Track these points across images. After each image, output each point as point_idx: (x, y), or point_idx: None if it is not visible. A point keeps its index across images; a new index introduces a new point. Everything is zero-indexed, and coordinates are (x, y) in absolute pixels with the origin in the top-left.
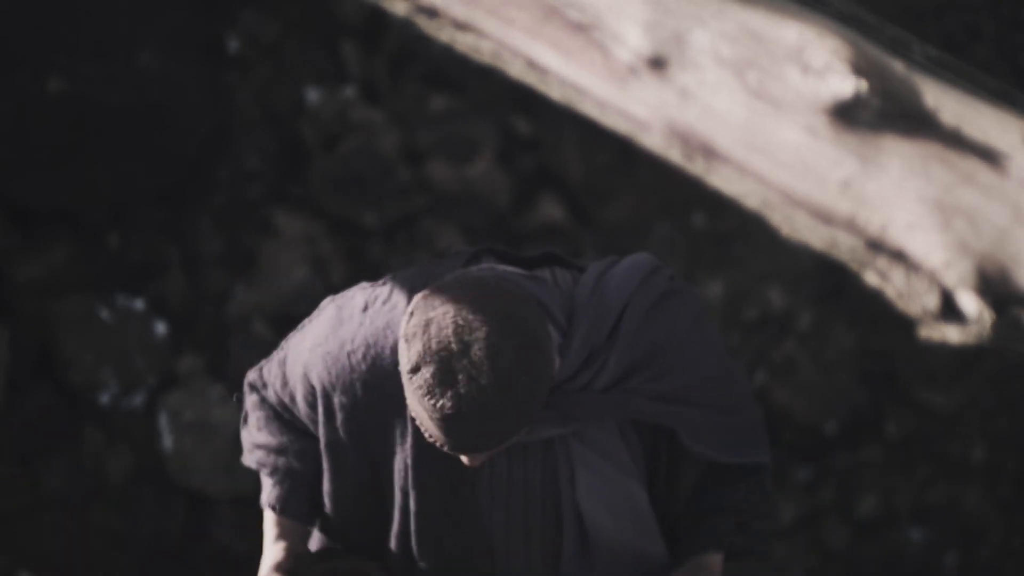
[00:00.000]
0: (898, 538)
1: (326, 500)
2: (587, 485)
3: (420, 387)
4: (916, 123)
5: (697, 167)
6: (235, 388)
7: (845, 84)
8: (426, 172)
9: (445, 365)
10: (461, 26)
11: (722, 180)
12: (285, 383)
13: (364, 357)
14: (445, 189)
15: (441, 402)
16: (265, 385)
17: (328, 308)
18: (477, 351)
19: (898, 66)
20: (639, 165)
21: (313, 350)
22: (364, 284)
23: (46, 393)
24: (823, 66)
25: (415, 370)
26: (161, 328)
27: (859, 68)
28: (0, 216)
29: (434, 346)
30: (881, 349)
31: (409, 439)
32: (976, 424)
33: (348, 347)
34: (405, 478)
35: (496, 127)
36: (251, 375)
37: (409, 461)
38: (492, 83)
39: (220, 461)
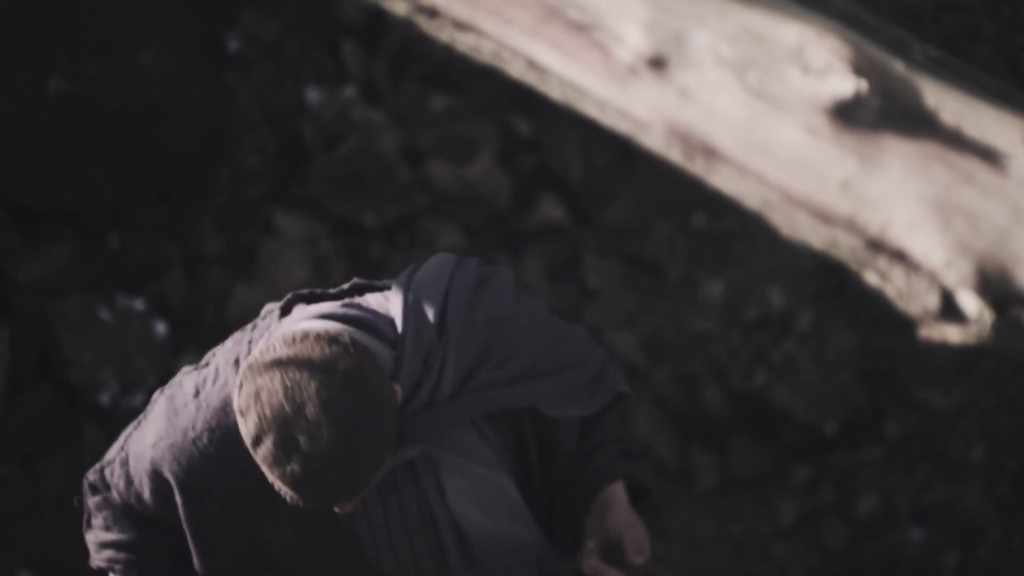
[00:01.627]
0: (898, 538)
1: None
2: (454, 487)
3: (266, 458)
4: (916, 123)
5: (697, 167)
6: None
7: (845, 84)
8: (426, 172)
9: (284, 431)
10: (461, 26)
11: (722, 180)
12: (130, 482)
13: (210, 441)
14: (445, 189)
15: (290, 467)
16: (108, 487)
17: (159, 401)
18: (311, 409)
19: (898, 66)
20: (639, 165)
21: (156, 445)
22: (187, 368)
23: (46, 393)
24: (823, 66)
25: (257, 442)
26: (161, 328)
27: (859, 68)
28: (0, 216)
29: (269, 414)
30: (881, 349)
31: (278, 505)
32: (976, 424)
33: (191, 434)
34: (285, 541)
35: (496, 127)
36: (91, 476)
37: (286, 524)
38: (492, 83)
39: None
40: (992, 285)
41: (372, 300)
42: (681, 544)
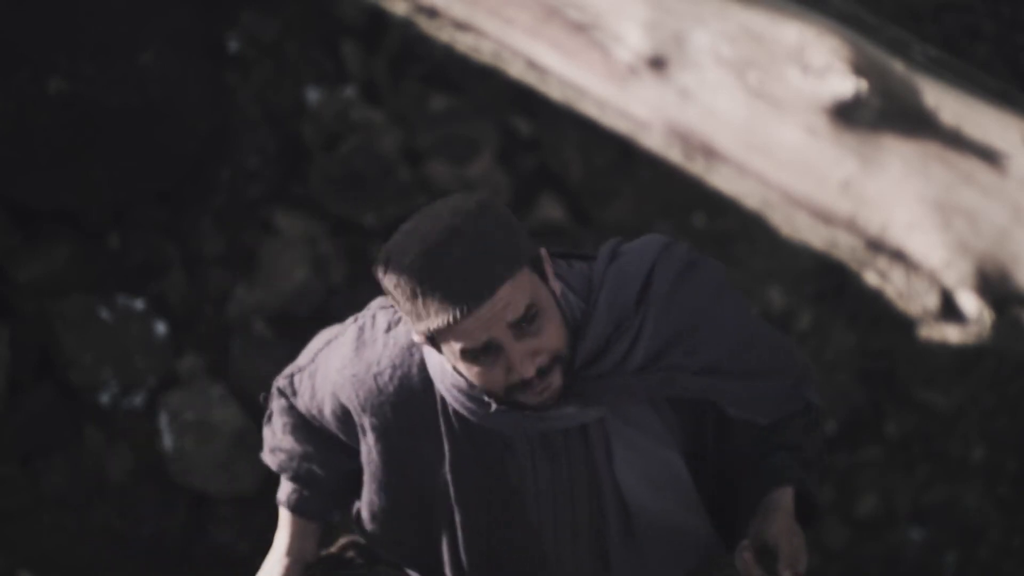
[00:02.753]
0: (898, 538)
1: (365, 513)
2: (624, 458)
3: (408, 255)
4: (916, 123)
5: (697, 167)
6: (237, 388)
7: (845, 84)
8: (426, 172)
9: (426, 229)
10: (461, 26)
11: (722, 180)
12: (314, 396)
13: (391, 379)
14: (445, 189)
15: (426, 246)
16: (295, 393)
17: (351, 329)
18: (447, 218)
19: (898, 66)
20: (639, 165)
21: (341, 371)
22: (383, 302)
23: (46, 393)
24: (823, 66)
25: (402, 251)
26: (161, 328)
27: (859, 68)
28: (1, 216)
29: (411, 225)
30: (881, 349)
31: (447, 455)
32: (976, 424)
33: (375, 369)
34: (447, 493)
35: (496, 127)
36: (281, 381)
37: (449, 477)
38: (492, 83)
39: (220, 461)
40: (992, 285)
41: (575, 264)
42: None
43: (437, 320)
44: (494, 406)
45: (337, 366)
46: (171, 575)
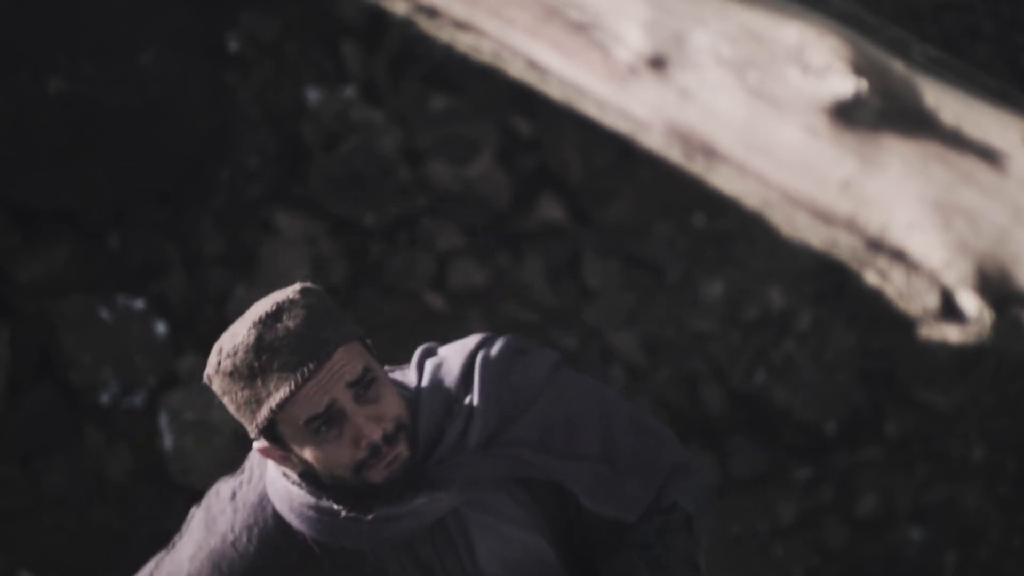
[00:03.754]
0: (898, 538)
1: None
2: (486, 550)
3: (238, 341)
4: (916, 123)
5: (697, 167)
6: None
7: (845, 84)
8: (426, 172)
9: (250, 320)
10: (461, 26)
11: (722, 180)
12: None
13: (249, 540)
14: (445, 189)
15: (256, 322)
16: None
17: (196, 516)
18: (271, 301)
19: (898, 66)
20: (639, 165)
21: (194, 558)
22: (224, 477)
23: (47, 393)
24: (823, 66)
25: (231, 340)
26: (161, 328)
27: (859, 68)
28: (1, 216)
29: (238, 324)
30: (881, 349)
31: None
32: (976, 424)
33: (230, 537)
34: None
35: (496, 127)
36: None
37: None
38: (492, 83)
39: (220, 460)
40: (992, 285)
41: (394, 369)
42: None
43: (278, 393)
44: (343, 513)
45: (188, 555)
46: None
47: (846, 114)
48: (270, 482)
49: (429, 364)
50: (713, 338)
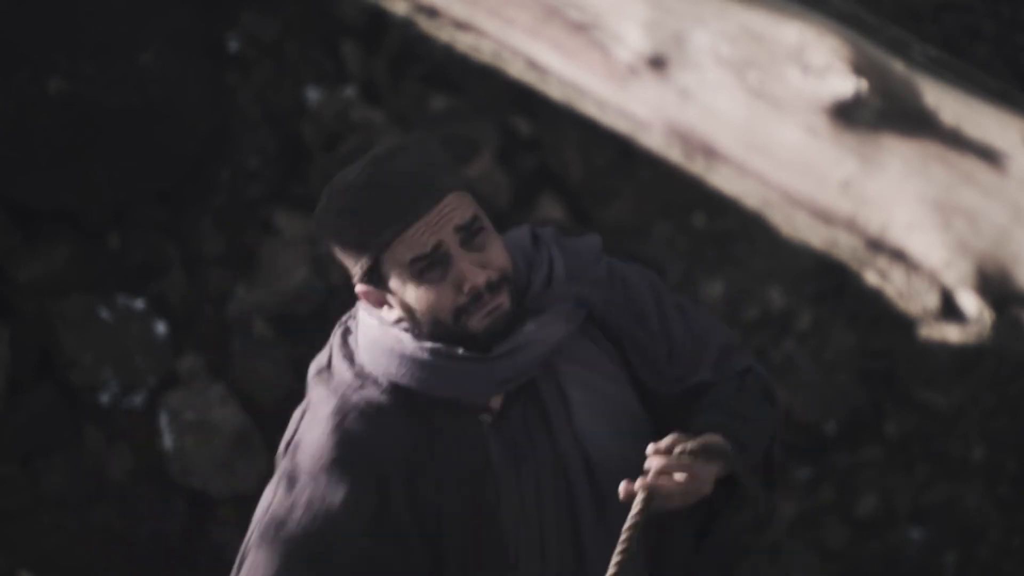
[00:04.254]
0: (898, 538)
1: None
2: (580, 401)
3: (351, 176)
4: (916, 123)
5: (697, 167)
6: (237, 388)
7: (845, 84)
8: None
9: (366, 159)
10: (461, 26)
11: (722, 180)
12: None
13: (358, 416)
14: None
15: (372, 159)
16: None
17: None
18: (387, 144)
19: (898, 66)
20: (639, 165)
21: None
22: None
23: (47, 393)
24: (823, 66)
25: (343, 176)
26: (161, 328)
27: (859, 68)
28: (1, 216)
29: (353, 164)
30: (881, 349)
31: (427, 469)
32: (976, 424)
33: (337, 419)
34: (434, 508)
35: (496, 127)
36: None
37: (436, 489)
38: (492, 83)
39: (220, 461)
40: (992, 285)
41: None
42: None
43: (388, 230)
44: (460, 351)
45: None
46: (171, 575)
47: (846, 114)
48: (370, 342)
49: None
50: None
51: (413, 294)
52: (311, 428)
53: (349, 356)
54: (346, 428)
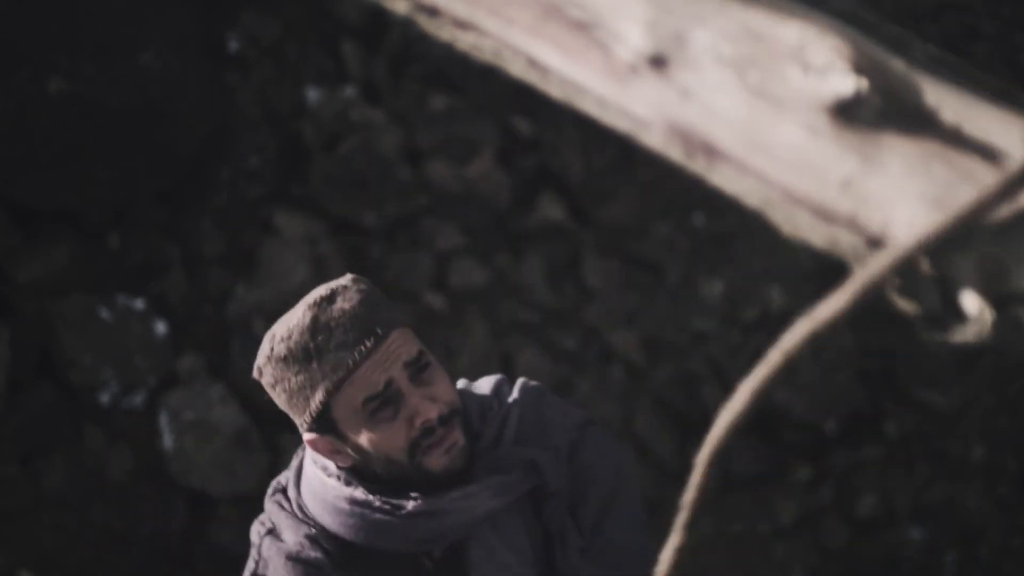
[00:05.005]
0: (898, 537)
1: None
2: (481, 571)
3: (293, 323)
4: (917, 122)
5: (698, 166)
6: (237, 388)
7: (846, 83)
8: (426, 172)
9: (305, 305)
10: (462, 25)
11: (722, 179)
12: None
13: (311, 547)
14: (445, 189)
15: (312, 305)
16: None
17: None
18: (324, 288)
19: (899, 65)
20: (639, 165)
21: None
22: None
23: (47, 392)
24: (824, 65)
25: (286, 325)
26: (161, 328)
27: (860, 67)
28: (1, 216)
29: (291, 311)
30: (881, 349)
31: None
32: (976, 424)
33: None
34: None
35: (496, 127)
36: None
37: None
38: (492, 83)
39: (220, 460)
40: (993, 284)
41: None
42: None
43: (336, 373)
44: (376, 503)
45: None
46: (171, 575)
47: (847, 113)
48: (311, 493)
49: (460, 383)
50: (713, 338)
51: (366, 436)
52: (272, 555)
53: (295, 509)
54: (304, 558)
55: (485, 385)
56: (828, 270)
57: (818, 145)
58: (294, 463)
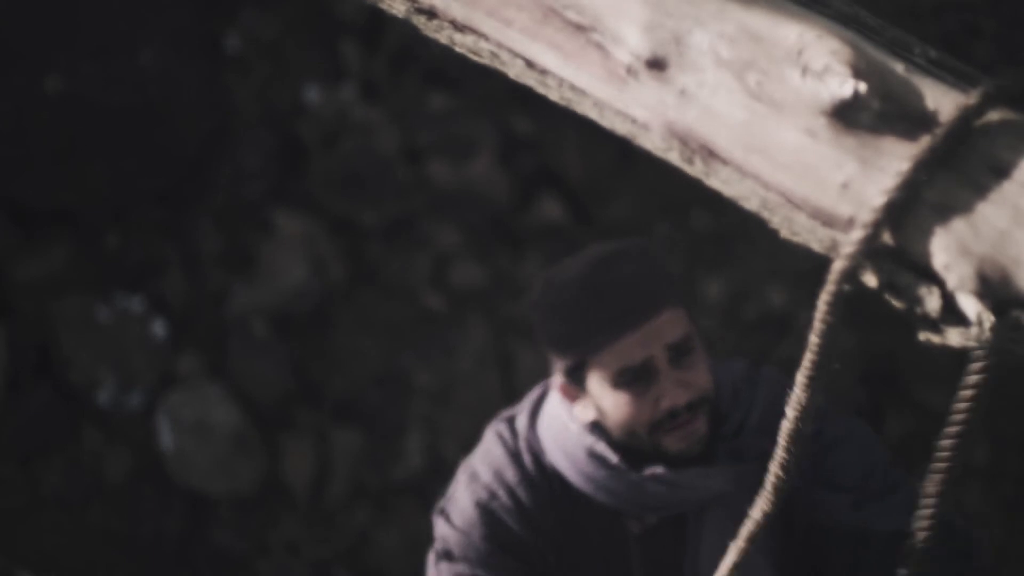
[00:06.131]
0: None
1: None
2: (709, 553)
3: (572, 274)
4: (916, 125)
5: (696, 168)
6: (237, 388)
7: (845, 85)
8: (426, 172)
9: (589, 258)
10: (460, 27)
11: (721, 182)
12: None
13: (519, 485)
14: (445, 189)
15: (596, 261)
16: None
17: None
18: (612, 246)
19: (898, 68)
20: (639, 165)
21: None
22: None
23: (45, 393)
24: (823, 67)
25: (565, 272)
26: (160, 328)
27: (859, 69)
28: (0, 216)
29: (574, 260)
30: (881, 349)
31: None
32: (977, 425)
33: (500, 486)
34: None
35: (496, 127)
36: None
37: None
38: (492, 83)
39: (219, 461)
40: (992, 287)
41: None
42: None
43: (598, 337)
44: (614, 461)
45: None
46: (170, 575)
47: (846, 116)
48: (546, 426)
49: (718, 363)
50: (713, 338)
51: (612, 401)
52: (463, 496)
53: (522, 443)
54: (492, 508)
55: (738, 368)
56: (828, 270)
57: (817, 148)
58: (528, 400)
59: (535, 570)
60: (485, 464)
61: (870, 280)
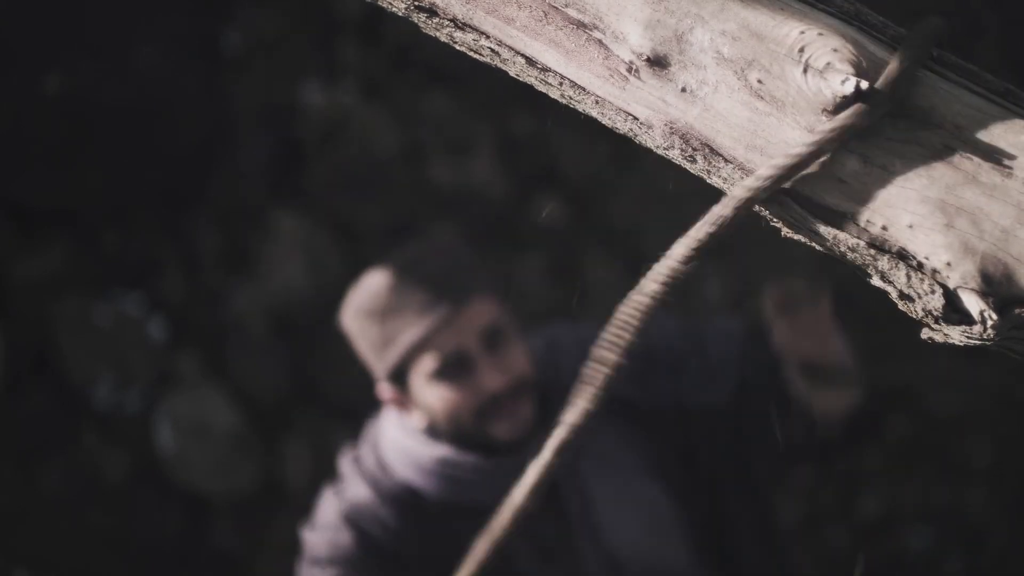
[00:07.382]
0: (900, 541)
1: None
2: (603, 498)
3: (379, 279)
4: (918, 123)
5: (698, 167)
6: (236, 389)
7: (847, 84)
8: (426, 172)
9: (394, 261)
10: (460, 25)
11: (723, 180)
12: None
13: (385, 509)
14: (445, 188)
15: (402, 263)
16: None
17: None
18: (417, 244)
19: (900, 65)
20: (639, 165)
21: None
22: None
23: (43, 393)
24: (825, 65)
25: (371, 280)
26: (159, 328)
27: (861, 68)
28: None
29: (380, 267)
30: (881, 349)
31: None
32: (980, 426)
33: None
34: None
35: (496, 127)
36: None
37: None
38: (492, 82)
39: (218, 462)
40: (995, 286)
41: None
42: None
43: (412, 331)
44: (460, 460)
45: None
46: (169, 575)
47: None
48: (388, 447)
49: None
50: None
51: (435, 395)
52: (329, 511)
53: (375, 461)
54: (357, 520)
55: (539, 344)
56: (828, 270)
57: None
58: (364, 436)
59: None
60: (347, 486)
61: (873, 280)
